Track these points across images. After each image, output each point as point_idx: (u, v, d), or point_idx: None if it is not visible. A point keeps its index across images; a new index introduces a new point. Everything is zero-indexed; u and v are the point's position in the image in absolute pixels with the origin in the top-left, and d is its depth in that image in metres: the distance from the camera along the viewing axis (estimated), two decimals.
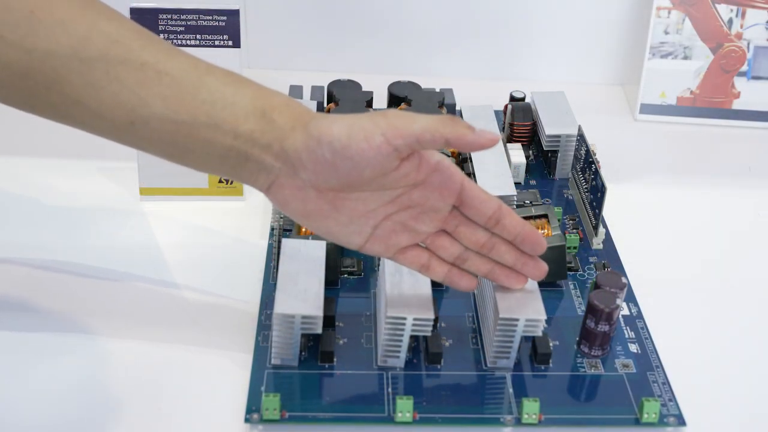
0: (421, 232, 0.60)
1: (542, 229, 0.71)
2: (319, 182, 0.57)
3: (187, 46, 0.74)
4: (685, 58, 0.96)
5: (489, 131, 0.56)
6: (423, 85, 0.91)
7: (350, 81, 0.90)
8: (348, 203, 0.58)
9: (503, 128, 0.89)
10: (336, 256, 0.69)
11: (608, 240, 0.76)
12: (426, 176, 0.58)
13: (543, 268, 0.61)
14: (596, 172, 0.75)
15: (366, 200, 0.58)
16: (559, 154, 0.84)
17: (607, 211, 0.77)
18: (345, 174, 0.56)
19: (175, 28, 0.74)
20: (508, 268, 0.61)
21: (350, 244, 0.60)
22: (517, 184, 0.82)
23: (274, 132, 0.56)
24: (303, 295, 0.61)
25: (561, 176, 0.85)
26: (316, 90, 0.90)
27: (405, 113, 0.56)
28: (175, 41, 0.74)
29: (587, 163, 0.78)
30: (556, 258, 0.69)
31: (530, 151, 0.87)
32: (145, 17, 0.73)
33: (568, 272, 0.72)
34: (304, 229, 0.70)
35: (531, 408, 0.59)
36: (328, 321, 0.65)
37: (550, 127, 0.83)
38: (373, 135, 0.55)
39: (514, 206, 0.74)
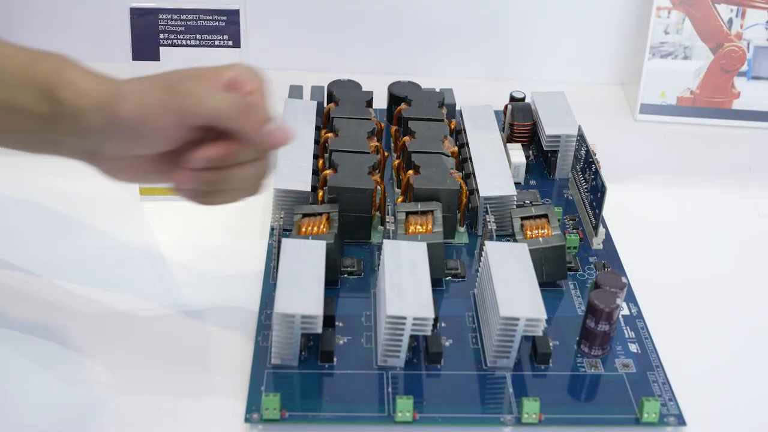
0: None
1: (542, 229, 0.71)
2: (132, 153, 0.57)
3: (187, 46, 0.74)
4: (685, 58, 0.96)
5: (284, 129, 0.56)
6: (423, 85, 0.91)
7: (350, 81, 0.91)
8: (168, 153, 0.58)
9: (503, 128, 0.89)
10: (336, 256, 0.69)
11: (608, 240, 0.76)
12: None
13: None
14: (596, 172, 0.75)
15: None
16: (559, 154, 0.84)
17: (607, 211, 0.77)
18: (144, 147, 0.57)
19: (175, 28, 0.74)
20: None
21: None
22: (517, 184, 0.82)
23: (66, 114, 0.55)
24: (303, 295, 0.61)
25: (561, 176, 0.85)
26: (316, 90, 0.90)
27: (198, 88, 0.55)
28: (175, 41, 0.74)
29: (587, 163, 0.78)
30: (556, 258, 0.69)
31: (530, 151, 0.87)
32: (145, 17, 0.73)
33: (568, 272, 0.72)
34: (304, 229, 0.70)
35: (531, 408, 0.59)
36: (328, 321, 0.65)
37: (550, 127, 0.83)
38: (164, 117, 0.55)
39: (514, 206, 0.74)
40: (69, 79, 0.55)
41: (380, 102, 0.91)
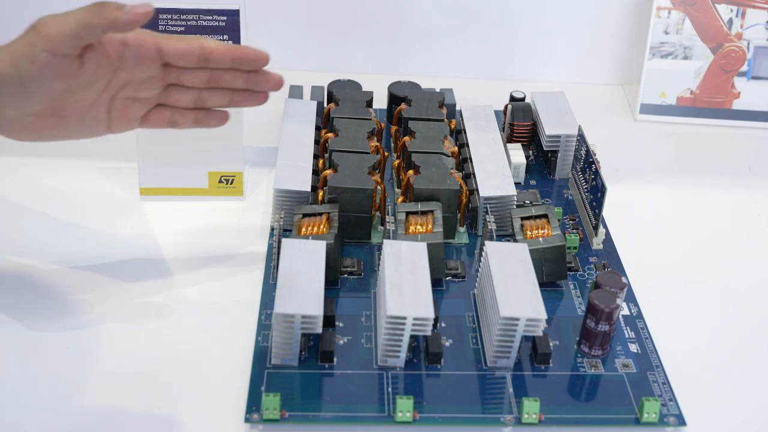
0: (150, 97, 0.63)
1: (542, 229, 0.71)
2: (26, 111, 0.58)
3: None
4: (685, 58, 0.96)
5: (141, 5, 0.57)
6: (423, 85, 0.91)
7: (350, 81, 0.91)
8: (68, 108, 0.60)
9: (503, 128, 0.89)
10: (336, 256, 0.69)
11: (608, 240, 0.77)
12: (119, 57, 0.60)
13: (276, 78, 0.64)
14: (596, 172, 0.75)
15: (83, 98, 0.60)
16: (559, 154, 0.84)
17: (607, 211, 0.77)
18: (39, 97, 0.58)
19: (175, 28, 0.74)
20: (246, 90, 0.64)
21: (97, 134, 0.63)
22: (517, 184, 0.82)
23: None
24: (303, 295, 0.61)
25: (561, 176, 0.85)
26: (316, 90, 0.90)
27: (54, 17, 0.56)
28: None
29: (587, 163, 0.78)
30: (556, 258, 0.69)
31: (530, 151, 0.87)
32: None
33: (568, 272, 0.72)
34: (304, 229, 0.70)
35: (531, 408, 0.59)
36: (328, 321, 0.65)
37: (550, 127, 0.83)
38: (35, 56, 0.56)
39: (514, 206, 0.74)
40: None
41: (380, 102, 0.92)
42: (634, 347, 0.66)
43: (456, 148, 0.79)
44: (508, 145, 0.85)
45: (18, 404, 0.59)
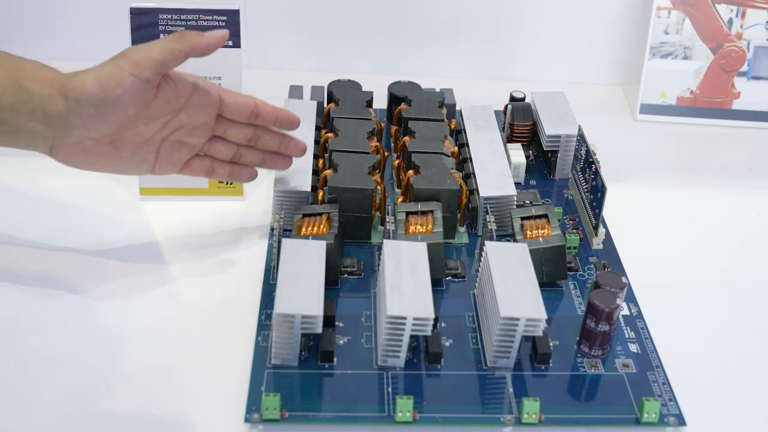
0: (196, 144, 0.68)
1: (542, 229, 0.71)
2: (92, 134, 0.63)
3: None
4: (685, 58, 0.96)
5: (218, 31, 0.64)
6: (423, 85, 0.91)
7: (350, 81, 0.91)
8: (126, 140, 0.65)
9: (503, 128, 0.89)
10: (336, 256, 0.69)
11: (608, 240, 0.77)
12: (186, 99, 0.65)
13: (301, 145, 0.72)
14: (596, 172, 0.75)
15: (141, 133, 0.65)
16: (559, 154, 0.84)
17: (607, 211, 0.77)
18: (112, 119, 0.62)
19: (175, 28, 0.74)
20: (276, 153, 0.71)
21: (141, 172, 0.68)
22: (517, 184, 0.82)
23: (34, 101, 0.61)
24: (303, 295, 0.61)
25: (561, 176, 0.85)
26: (316, 90, 0.90)
27: (141, 46, 0.62)
28: None
29: (587, 163, 0.78)
30: (556, 258, 0.69)
31: (530, 151, 0.87)
32: (145, 17, 0.73)
33: (568, 272, 0.72)
34: (304, 229, 0.70)
35: (531, 408, 0.59)
36: (328, 321, 0.65)
37: (550, 127, 0.83)
38: (122, 78, 0.61)
39: (514, 206, 0.74)
40: (33, 72, 0.62)
41: (380, 102, 0.92)
42: (634, 347, 0.66)
43: (456, 148, 0.79)
44: (508, 145, 0.85)
45: (18, 404, 0.59)
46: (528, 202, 0.75)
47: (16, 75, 0.61)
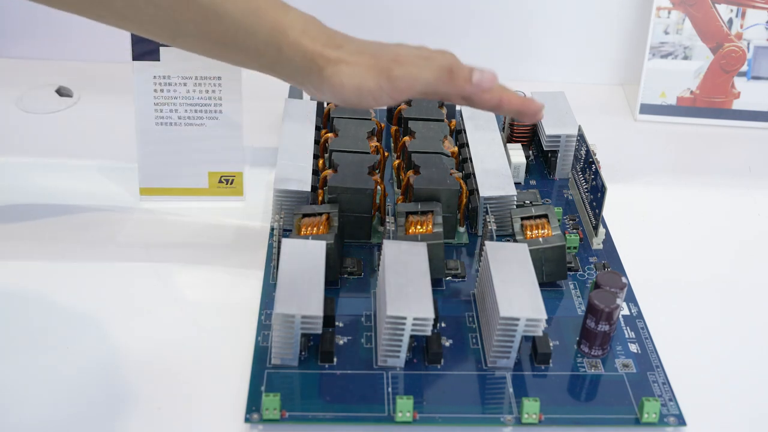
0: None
1: (542, 229, 0.71)
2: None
3: None
4: (685, 58, 0.96)
5: (487, 77, 0.63)
6: None
7: None
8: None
9: (503, 128, 0.89)
10: (336, 256, 0.69)
11: (608, 240, 0.77)
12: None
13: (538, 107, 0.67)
14: (596, 172, 0.75)
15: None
16: (559, 154, 0.84)
17: (607, 211, 0.77)
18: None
19: None
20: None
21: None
22: (517, 184, 0.82)
23: (292, 67, 0.61)
24: (303, 295, 0.61)
25: (561, 176, 0.85)
26: None
27: (408, 71, 0.61)
28: None
29: (587, 163, 0.78)
30: (556, 258, 0.69)
31: (530, 151, 0.87)
32: None
33: (568, 272, 0.72)
34: (304, 229, 0.70)
35: (531, 408, 0.59)
36: (328, 321, 0.65)
37: (550, 127, 0.83)
38: (380, 98, 0.61)
39: (514, 206, 0.74)
40: (294, 39, 0.61)
41: None
42: (634, 347, 0.66)
43: (456, 148, 0.79)
44: (508, 145, 0.85)
45: (17, 404, 0.59)
46: (528, 202, 0.75)
47: (277, 39, 0.60)
